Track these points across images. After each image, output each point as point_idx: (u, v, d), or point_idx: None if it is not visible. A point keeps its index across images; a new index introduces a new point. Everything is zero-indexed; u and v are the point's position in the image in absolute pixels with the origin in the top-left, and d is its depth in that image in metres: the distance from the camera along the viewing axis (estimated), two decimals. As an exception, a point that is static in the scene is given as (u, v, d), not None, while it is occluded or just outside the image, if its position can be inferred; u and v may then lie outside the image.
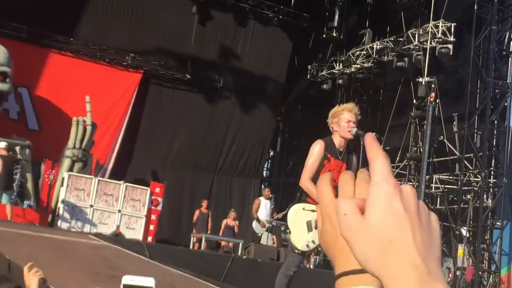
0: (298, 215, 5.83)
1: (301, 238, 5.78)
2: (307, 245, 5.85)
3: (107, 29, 20.05)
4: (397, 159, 21.68)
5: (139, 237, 16.35)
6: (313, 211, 5.82)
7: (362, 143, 5.90)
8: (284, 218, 6.69)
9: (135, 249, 10.78)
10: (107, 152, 19.69)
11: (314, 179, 5.93)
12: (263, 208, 16.37)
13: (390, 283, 0.77)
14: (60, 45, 19.53)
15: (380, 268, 0.78)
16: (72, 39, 19.59)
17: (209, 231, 17.24)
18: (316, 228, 5.79)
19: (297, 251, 5.88)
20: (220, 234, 17.16)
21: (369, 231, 0.78)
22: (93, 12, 19.99)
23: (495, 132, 18.86)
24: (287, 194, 19.78)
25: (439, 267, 0.80)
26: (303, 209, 5.85)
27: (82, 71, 19.59)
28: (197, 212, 17.90)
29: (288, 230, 5.85)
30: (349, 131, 5.94)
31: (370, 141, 0.85)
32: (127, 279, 1.58)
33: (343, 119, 5.95)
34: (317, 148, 5.93)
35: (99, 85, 19.68)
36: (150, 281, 1.58)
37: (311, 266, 15.85)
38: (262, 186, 22.46)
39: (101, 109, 19.18)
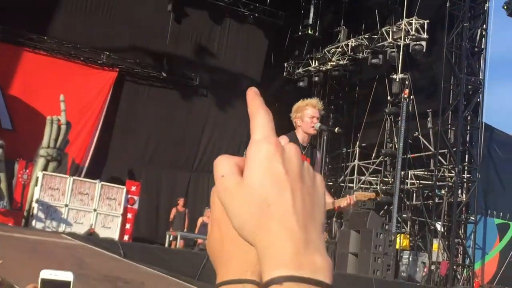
0: None
1: None
2: None
3: (81, 27, 19.92)
4: (373, 155, 21.86)
5: (115, 236, 16.29)
6: None
7: (324, 137, 5.96)
8: None
9: (109, 248, 10.74)
10: (83, 151, 19.58)
11: None
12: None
13: (264, 251, 0.70)
14: (34, 44, 19.36)
15: (255, 234, 0.71)
16: (46, 38, 19.42)
17: (185, 229, 17.23)
18: None
19: None
20: (196, 232, 17.15)
21: (246, 193, 0.72)
22: (67, 10, 19.84)
23: (468, 128, 19.08)
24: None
25: (320, 235, 0.74)
26: None
27: (57, 70, 19.44)
28: (173, 211, 17.89)
29: None
30: (312, 127, 5.95)
31: (252, 96, 0.78)
32: (45, 274, 1.61)
33: (307, 115, 5.95)
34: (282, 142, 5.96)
35: (74, 83, 19.54)
36: (68, 275, 1.60)
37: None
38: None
39: (76, 108, 19.06)
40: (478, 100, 19.02)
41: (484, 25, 19.34)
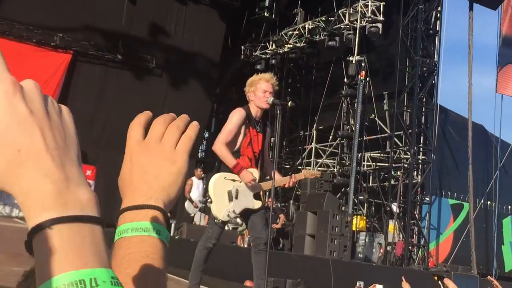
0: (219, 184, 5.81)
1: (222, 208, 5.78)
2: (228, 215, 5.85)
3: (34, 7, 19.44)
4: (330, 137, 21.97)
5: (70, 220, 16.07)
6: (234, 180, 5.81)
7: (278, 112, 5.92)
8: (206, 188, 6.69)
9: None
10: (36, 135, 19.23)
11: (231, 146, 5.91)
12: (196, 188, 16.33)
13: (25, 200, 0.68)
14: (-16, 25, 18.86)
15: (12, 184, 0.69)
16: (-4, 19, 18.94)
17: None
18: (236, 198, 5.80)
19: (217, 220, 5.87)
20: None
21: None
22: (18, -10, 19.36)
23: (423, 110, 19.29)
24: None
25: (79, 169, 0.75)
26: (225, 178, 5.84)
27: (8, 52, 18.92)
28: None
29: (209, 200, 5.83)
30: (266, 101, 5.94)
31: None
32: None
33: (260, 89, 5.93)
34: (236, 115, 5.91)
35: (27, 66, 19.08)
36: None
37: (245, 245, 15.91)
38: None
39: (29, 91, 18.67)
40: (433, 82, 19.22)
41: (439, 8, 19.51)
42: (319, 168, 21.36)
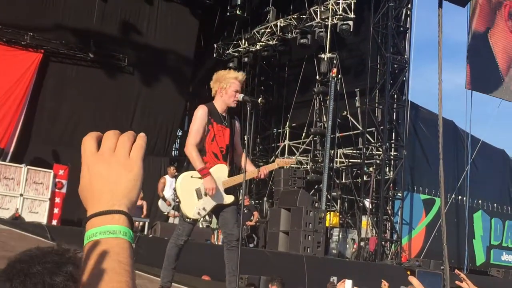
0: (186, 183, 5.82)
1: (191, 206, 5.78)
2: (198, 213, 5.86)
3: (3, 6, 19.24)
4: (303, 135, 22.08)
5: (43, 221, 15.92)
6: (201, 178, 5.82)
7: (248, 108, 5.95)
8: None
9: (36, 232, 10.53)
10: (7, 135, 19.01)
11: (201, 147, 5.92)
12: (169, 186, 16.31)
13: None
14: (-47, 24, 18.62)
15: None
16: (-35, 18, 18.71)
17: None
18: (206, 195, 5.80)
19: (188, 219, 5.87)
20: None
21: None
22: (-13, -12, 19.14)
23: (395, 106, 19.47)
24: (195, 172, 19.75)
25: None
26: (191, 176, 5.84)
27: (-22, 51, 18.77)
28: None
29: (177, 200, 5.83)
30: (234, 101, 5.99)
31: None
32: None
33: (232, 88, 5.96)
34: (200, 113, 5.92)
35: (-3, 65, 18.92)
36: None
37: (220, 243, 15.94)
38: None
39: (0, 91, 18.49)
40: (404, 79, 19.42)
41: (409, 5, 19.70)
42: (292, 166, 21.45)
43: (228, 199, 5.93)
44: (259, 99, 5.97)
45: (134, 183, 1.12)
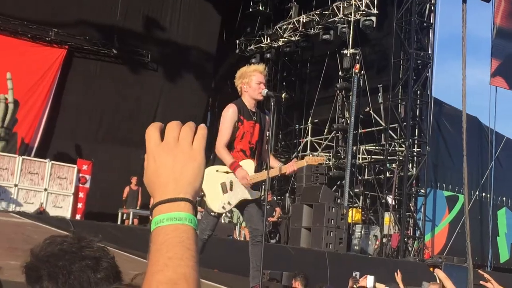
0: (212, 177, 5.81)
1: (216, 200, 5.79)
2: (223, 207, 5.86)
3: (29, 2, 19.42)
4: (325, 131, 22.02)
5: (67, 215, 16.07)
6: (227, 172, 5.81)
7: (271, 104, 5.92)
8: None
9: (60, 226, 10.60)
10: (32, 130, 19.21)
11: (229, 143, 5.91)
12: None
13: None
14: (-21, 21, 18.84)
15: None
16: (-9, 14, 18.91)
17: (138, 208, 17.14)
18: (231, 189, 5.80)
19: (213, 213, 5.87)
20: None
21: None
22: (13, -15, 19.33)
23: (418, 102, 19.35)
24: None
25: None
26: (217, 171, 5.84)
27: (3, 47, 18.93)
28: (127, 189, 17.76)
29: (202, 193, 5.82)
30: (260, 93, 5.94)
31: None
32: None
33: (254, 81, 5.92)
34: (230, 112, 5.89)
35: (22, 61, 19.09)
36: None
37: (242, 238, 15.99)
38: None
39: (25, 87, 18.66)
40: (427, 74, 19.28)
41: (433, 0, 19.55)
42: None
43: (254, 194, 5.92)
44: (283, 94, 5.91)
45: (198, 172, 1.18)
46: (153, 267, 1.09)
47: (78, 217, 16.90)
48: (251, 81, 5.92)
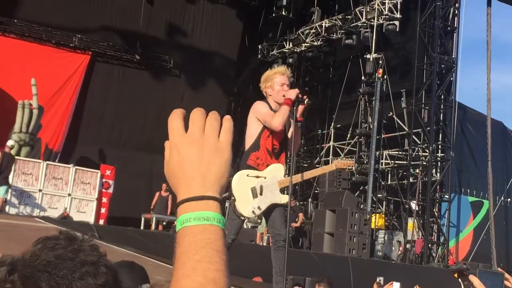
0: (242, 182, 5.79)
1: (246, 204, 5.77)
2: (253, 211, 5.84)
3: (52, 9, 19.62)
4: (348, 136, 21.92)
5: (91, 220, 16.17)
6: (257, 177, 5.79)
7: (294, 108, 5.87)
8: (228, 186, 6.62)
9: (83, 231, 10.63)
10: (56, 136, 19.37)
11: (256, 142, 5.87)
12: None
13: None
14: (4, 27, 19.05)
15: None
16: (16, 21, 19.12)
17: (168, 214, 17.17)
18: (261, 194, 5.79)
19: (242, 217, 5.87)
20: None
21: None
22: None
23: (441, 107, 19.18)
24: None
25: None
26: (247, 175, 5.82)
27: (28, 53, 19.15)
28: (156, 195, 17.83)
29: (232, 197, 5.80)
30: (284, 95, 5.89)
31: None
32: None
33: (277, 83, 5.87)
34: (260, 103, 5.87)
35: (46, 67, 19.29)
36: None
37: (264, 244, 15.95)
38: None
39: (49, 92, 18.85)
40: (451, 79, 19.11)
41: (457, 4, 19.41)
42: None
43: (284, 198, 5.90)
44: (306, 100, 5.80)
45: (225, 169, 1.10)
46: (180, 271, 1.01)
47: (101, 222, 17.01)
48: (274, 84, 5.89)
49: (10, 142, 15.23)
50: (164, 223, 17.12)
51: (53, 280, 1.29)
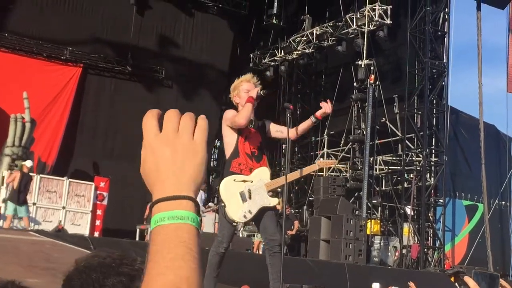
0: (230, 187, 5.82)
1: (237, 209, 5.78)
2: (244, 216, 5.85)
3: (43, 22, 19.60)
4: (342, 142, 21.94)
5: (86, 232, 16.11)
6: (244, 181, 5.83)
7: (287, 115, 5.95)
8: (217, 193, 6.65)
9: (79, 243, 10.60)
10: (49, 149, 19.31)
11: (234, 149, 5.94)
12: (198, 199, 16.32)
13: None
14: (-6, 41, 19.03)
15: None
16: (6, 34, 19.09)
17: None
18: (250, 198, 5.81)
19: (234, 223, 5.88)
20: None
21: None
22: (27, 4, 19.50)
23: (434, 112, 19.24)
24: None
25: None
26: (234, 180, 5.85)
27: (19, 67, 19.10)
28: (148, 206, 17.75)
29: (222, 203, 5.83)
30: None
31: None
32: None
33: (243, 90, 6.04)
34: (231, 111, 5.97)
35: (37, 80, 19.25)
36: None
37: (261, 252, 15.91)
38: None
39: (41, 105, 18.81)
40: (443, 83, 19.18)
41: (447, 9, 19.49)
42: (331, 173, 21.33)
43: (273, 201, 5.95)
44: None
45: (200, 168, 1.10)
46: (153, 270, 1.01)
47: (96, 234, 16.94)
48: (240, 92, 6.04)
49: (29, 163, 15.22)
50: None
51: (85, 280, 1.40)
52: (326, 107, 6.21)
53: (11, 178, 14.71)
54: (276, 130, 6.23)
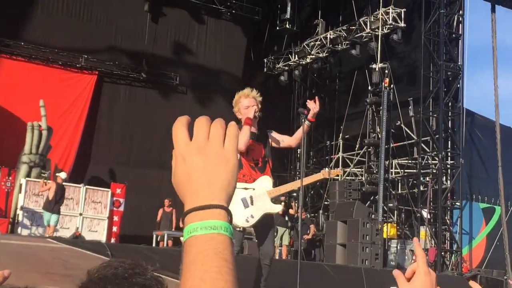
0: None
1: (239, 215, 5.89)
2: (247, 220, 5.97)
3: (58, 31, 19.79)
4: (357, 146, 21.89)
5: (102, 239, 16.20)
6: (246, 189, 5.94)
7: (302, 120, 6.02)
8: None
9: (96, 250, 10.67)
10: (65, 156, 19.45)
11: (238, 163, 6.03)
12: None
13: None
14: (11, 50, 19.21)
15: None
16: (22, 43, 19.27)
17: (173, 229, 17.19)
18: (252, 204, 5.91)
19: (238, 228, 5.99)
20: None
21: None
22: (43, 14, 19.70)
23: (449, 114, 19.15)
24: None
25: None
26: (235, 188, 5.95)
27: (35, 75, 19.29)
28: (160, 211, 17.82)
29: None
30: (249, 114, 6.12)
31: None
32: None
33: (243, 106, 6.19)
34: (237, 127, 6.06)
35: (54, 88, 19.42)
36: None
37: (277, 257, 15.91)
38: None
39: (57, 113, 18.95)
40: (458, 86, 19.10)
41: (461, 11, 19.42)
42: (347, 177, 21.28)
43: (276, 207, 6.07)
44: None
45: (232, 176, 1.08)
46: (188, 282, 0.98)
47: (113, 240, 17.02)
48: (240, 108, 6.19)
49: (63, 175, 15.50)
50: (172, 239, 17.13)
51: None
52: (313, 106, 6.23)
53: (45, 188, 14.95)
54: (277, 140, 6.35)
